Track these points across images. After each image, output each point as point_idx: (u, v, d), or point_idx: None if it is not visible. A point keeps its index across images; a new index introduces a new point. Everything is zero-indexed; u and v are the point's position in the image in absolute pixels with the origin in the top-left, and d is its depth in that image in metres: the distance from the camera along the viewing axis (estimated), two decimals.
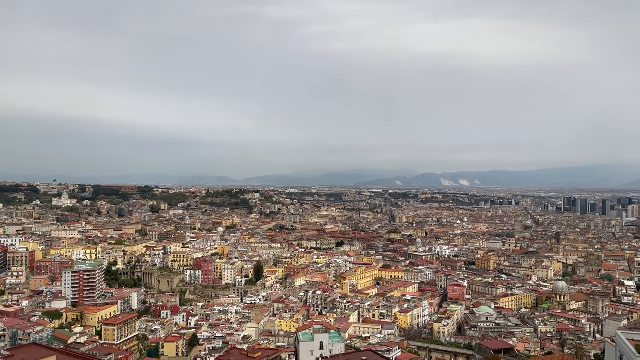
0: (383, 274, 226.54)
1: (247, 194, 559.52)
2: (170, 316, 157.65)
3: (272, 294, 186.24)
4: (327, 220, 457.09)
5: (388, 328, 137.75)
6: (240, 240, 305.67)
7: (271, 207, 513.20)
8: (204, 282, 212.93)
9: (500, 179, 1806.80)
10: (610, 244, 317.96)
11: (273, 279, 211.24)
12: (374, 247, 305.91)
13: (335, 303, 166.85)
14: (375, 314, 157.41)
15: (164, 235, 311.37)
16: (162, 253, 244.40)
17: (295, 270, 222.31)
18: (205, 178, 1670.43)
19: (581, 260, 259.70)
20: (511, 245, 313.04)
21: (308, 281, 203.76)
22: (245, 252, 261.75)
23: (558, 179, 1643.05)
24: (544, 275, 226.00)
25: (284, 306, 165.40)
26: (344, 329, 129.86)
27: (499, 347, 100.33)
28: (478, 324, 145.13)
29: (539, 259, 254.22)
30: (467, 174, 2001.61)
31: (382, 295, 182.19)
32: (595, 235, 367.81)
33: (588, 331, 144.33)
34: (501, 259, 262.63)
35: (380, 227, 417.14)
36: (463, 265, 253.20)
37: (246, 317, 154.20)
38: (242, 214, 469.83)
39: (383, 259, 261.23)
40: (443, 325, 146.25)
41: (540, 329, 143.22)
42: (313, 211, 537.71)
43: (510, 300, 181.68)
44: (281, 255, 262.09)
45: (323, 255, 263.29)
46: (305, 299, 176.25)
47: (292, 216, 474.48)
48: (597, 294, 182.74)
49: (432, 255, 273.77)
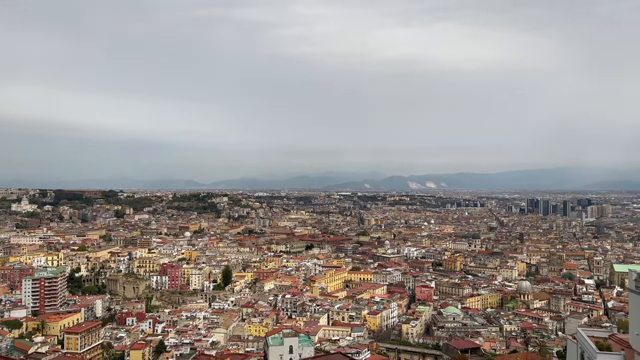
0: (352, 276, 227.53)
1: (215, 198, 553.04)
2: (136, 323, 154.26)
3: (241, 299, 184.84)
4: (297, 223, 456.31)
5: (357, 330, 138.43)
6: (208, 245, 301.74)
7: (240, 211, 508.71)
8: (171, 287, 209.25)
9: (466, 182, 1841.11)
10: (571, 244, 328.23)
11: (242, 284, 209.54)
12: (343, 249, 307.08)
13: (305, 306, 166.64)
14: (345, 317, 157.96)
15: (129, 240, 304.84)
16: (127, 259, 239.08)
17: (264, 274, 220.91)
18: (172, 182, 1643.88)
19: (544, 260, 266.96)
20: (477, 246, 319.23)
21: (277, 285, 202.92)
22: (213, 256, 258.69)
23: (522, 181, 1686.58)
24: (508, 275, 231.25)
25: (253, 311, 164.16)
26: (314, 332, 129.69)
27: (466, 347, 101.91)
28: (445, 324, 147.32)
29: (503, 259, 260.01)
30: (433, 177, 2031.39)
31: (351, 297, 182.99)
32: (557, 235, 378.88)
33: (551, 329, 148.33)
34: (467, 260, 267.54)
35: (349, 230, 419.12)
36: (430, 266, 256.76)
37: (214, 323, 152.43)
38: (209, 218, 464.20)
39: (352, 262, 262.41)
40: (411, 326, 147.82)
41: (505, 328, 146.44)
42: (282, 214, 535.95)
43: (476, 300, 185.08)
44: (250, 259, 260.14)
45: (292, 258, 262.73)
46: (274, 303, 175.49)
47: (261, 220, 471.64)
48: (559, 292, 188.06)
49: (400, 257, 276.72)
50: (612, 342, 44.04)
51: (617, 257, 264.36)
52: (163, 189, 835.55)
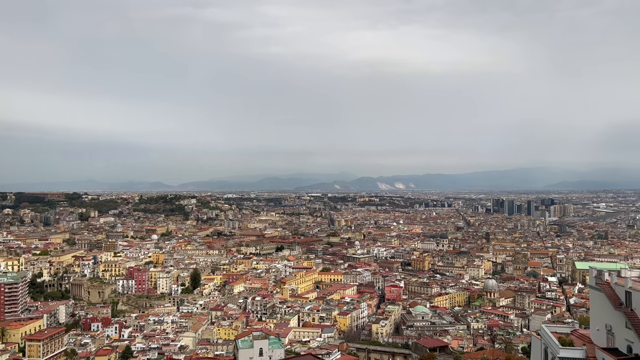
0: (323, 277, 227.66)
1: (183, 200, 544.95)
2: (102, 328, 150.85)
3: (210, 302, 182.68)
4: (267, 225, 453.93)
5: (327, 331, 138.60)
6: (175, 248, 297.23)
7: (208, 213, 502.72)
8: (138, 291, 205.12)
9: (433, 182, 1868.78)
10: (535, 243, 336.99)
11: (211, 287, 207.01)
12: (314, 250, 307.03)
13: (275, 308, 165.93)
14: (315, 318, 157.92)
15: (94, 244, 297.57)
16: (92, 263, 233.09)
17: (234, 276, 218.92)
18: (139, 184, 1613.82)
19: (509, 258, 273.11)
20: (444, 246, 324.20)
21: (247, 287, 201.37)
22: (181, 259, 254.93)
23: (488, 182, 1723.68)
24: (475, 273, 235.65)
25: (222, 314, 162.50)
26: (284, 334, 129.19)
27: (434, 345, 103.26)
28: (414, 323, 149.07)
29: (470, 259, 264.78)
30: (402, 178, 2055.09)
31: (321, 298, 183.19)
32: (522, 234, 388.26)
33: (516, 326, 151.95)
34: (435, 259, 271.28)
35: (319, 231, 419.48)
36: (399, 266, 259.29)
37: (183, 327, 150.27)
38: (177, 220, 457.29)
39: (322, 263, 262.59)
40: (381, 326, 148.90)
41: (472, 326, 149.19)
42: (252, 216, 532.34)
43: (444, 299, 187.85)
44: (219, 261, 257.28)
45: (262, 260, 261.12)
46: (244, 306, 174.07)
47: (230, 222, 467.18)
48: (524, 290, 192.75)
49: (370, 257, 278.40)
50: (574, 338, 45.25)
51: (579, 255, 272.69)
52: (129, 191, 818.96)
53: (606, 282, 42.75)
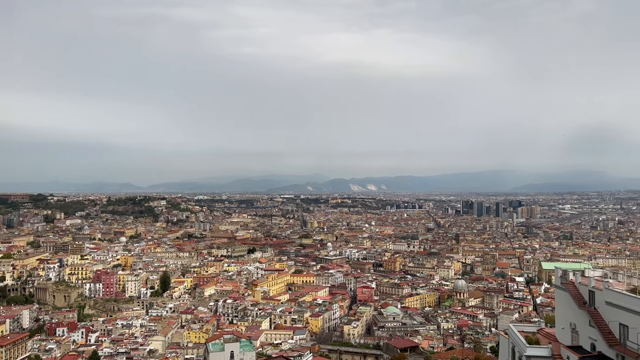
0: (295, 279, 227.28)
1: (153, 201, 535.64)
2: (67, 333, 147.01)
3: (180, 305, 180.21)
4: (239, 227, 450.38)
5: (299, 333, 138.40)
6: (144, 250, 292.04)
7: (178, 215, 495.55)
8: (105, 295, 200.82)
9: (405, 184, 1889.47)
10: (503, 244, 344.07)
11: (181, 290, 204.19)
12: (286, 252, 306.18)
13: (247, 311, 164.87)
14: (287, 320, 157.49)
15: (60, 246, 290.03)
16: (57, 266, 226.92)
17: (205, 279, 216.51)
18: (107, 185, 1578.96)
19: (478, 259, 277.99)
20: (415, 247, 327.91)
21: (218, 290, 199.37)
22: (151, 262, 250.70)
23: (458, 184, 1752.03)
24: (445, 274, 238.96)
25: (192, 317, 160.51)
26: (255, 336, 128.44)
27: (405, 346, 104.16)
28: (386, 324, 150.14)
29: (440, 259, 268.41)
30: (374, 179, 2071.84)
31: (293, 300, 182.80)
32: (490, 235, 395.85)
33: (485, 325, 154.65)
34: (406, 260, 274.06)
35: (292, 233, 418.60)
36: (371, 267, 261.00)
37: (152, 331, 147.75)
38: (146, 222, 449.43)
39: (295, 264, 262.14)
40: (353, 327, 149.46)
41: (442, 326, 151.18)
42: (223, 218, 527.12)
43: (415, 300, 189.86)
44: (189, 264, 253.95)
45: (234, 263, 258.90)
46: (215, 309, 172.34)
47: (201, 224, 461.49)
48: (492, 290, 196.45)
49: (342, 259, 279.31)
50: (540, 336, 46.31)
51: (545, 255, 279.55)
52: (97, 193, 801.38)
53: (571, 282, 43.87)
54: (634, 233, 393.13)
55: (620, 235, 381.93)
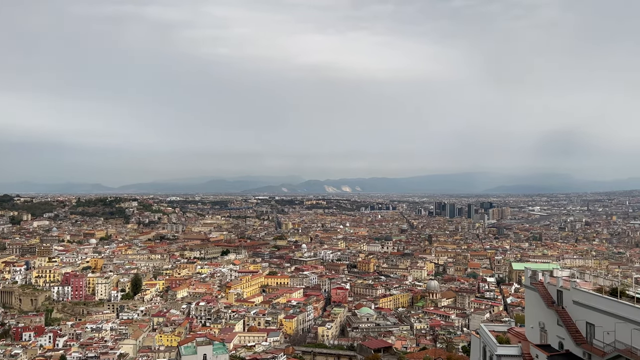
0: (269, 280, 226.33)
1: (124, 203, 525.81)
2: (34, 338, 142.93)
3: (152, 308, 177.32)
4: (212, 228, 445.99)
5: (273, 335, 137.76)
6: (115, 252, 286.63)
7: (150, 216, 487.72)
8: (75, 298, 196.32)
9: (379, 186, 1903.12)
10: (475, 244, 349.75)
11: (152, 292, 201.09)
12: (260, 254, 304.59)
13: (220, 313, 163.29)
14: (261, 322, 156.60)
15: (27, 249, 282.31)
16: (24, 269, 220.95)
17: (177, 281, 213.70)
18: (77, 185, 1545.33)
19: (450, 260, 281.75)
20: (389, 248, 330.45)
21: (191, 292, 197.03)
22: (122, 264, 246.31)
23: (431, 186, 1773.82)
24: (418, 275, 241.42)
25: (164, 320, 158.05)
26: (229, 339, 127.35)
27: (379, 346, 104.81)
28: (359, 324, 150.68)
29: (413, 260, 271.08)
30: (349, 181, 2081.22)
31: (267, 302, 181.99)
32: (462, 236, 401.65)
33: (457, 325, 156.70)
34: (380, 261, 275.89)
35: (266, 234, 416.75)
36: (346, 268, 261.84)
37: (122, 334, 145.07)
38: (117, 223, 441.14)
39: (269, 266, 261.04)
40: (327, 328, 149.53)
41: (415, 326, 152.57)
42: (197, 219, 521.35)
43: (388, 301, 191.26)
44: (162, 266, 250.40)
45: (207, 265, 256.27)
46: (187, 311, 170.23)
47: (173, 225, 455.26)
48: (464, 290, 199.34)
49: (317, 260, 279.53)
50: (511, 336, 47.21)
51: (515, 256, 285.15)
52: (66, 194, 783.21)
53: (540, 282, 44.85)
54: (600, 234, 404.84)
55: (587, 236, 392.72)
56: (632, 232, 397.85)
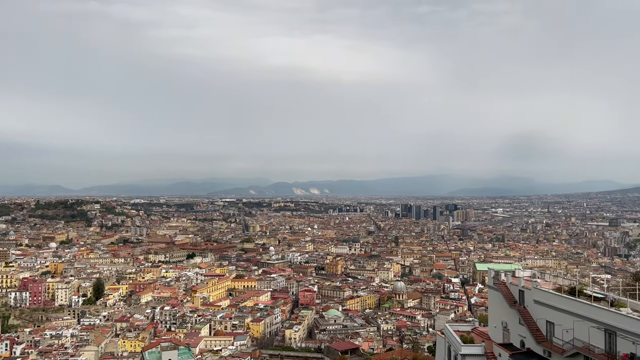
0: (236, 284, 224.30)
1: (85, 205, 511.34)
2: None
3: (115, 313, 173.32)
4: (177, 231, 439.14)
5: (240, 339, 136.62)
6: (77, 256, 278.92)
7: (114, 219, 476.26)
8: (33, 304, 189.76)
9: (347, 188, 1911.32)
10: (440, 246, 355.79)
11: (115, 297, 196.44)
12: (227, 257, 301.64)
13: (185, 317, 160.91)
14: (228, 326, 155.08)
15: None
16: None
17: (141, 285, 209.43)
18: (35, 187, 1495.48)
19: (416, 261, 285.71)
20: (356, 250, 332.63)
21: (155, 297, 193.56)
22: (83, 269, 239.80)
23: (397, 188, 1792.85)
24: (385, 276, 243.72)
25: (128, 325, 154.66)
26: (195, 343, 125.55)
27: (346, 348, 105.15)
28: (327, 327, 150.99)
29: (380, 262, 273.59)
30: (317, 183, 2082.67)
31: (234, 306, 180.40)
32: (428, 238, 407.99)
33: (422, 326, 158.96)
34: (348, 263, 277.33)
35: (233, 237, 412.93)
36: (313, 270, 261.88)
37: (84, 340, 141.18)
38: (79, 227, 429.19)
39: (236, 269, 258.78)
40: (294, 331, 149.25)
41: (382, 327, 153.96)
42: (161, 222, 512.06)
43: (356, 302, 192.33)
44: (125, 270, 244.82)
45: (172, 268, 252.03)
46: (152, 316, 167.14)
47: (137, 228, 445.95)
48: (430, 291, 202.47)
49: (285, 263, 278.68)
50: (474, 335, 48.11)
51: (479, 257, 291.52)
52: (24, 196, 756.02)
53: (502, 282, 45.89)
54: (559, 235, 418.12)
55: (548, 237, 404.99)
56: (589, 233, 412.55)
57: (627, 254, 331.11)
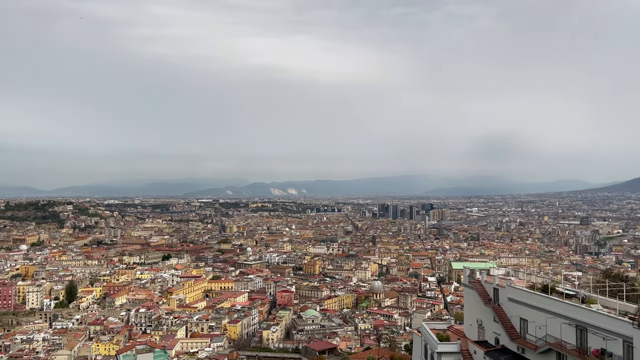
0: (213, 285, 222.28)
1: (58, 206, 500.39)
2: None
3: (88, 316, 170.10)
4: (152, 232, 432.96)
5: (217, 340, 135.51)
6: (48, 259, 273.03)
7: (87, 220, 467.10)
8: (2, 308, 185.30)
9: (324, 188, 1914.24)
10: (417, 245, 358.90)
11: (89, 300, 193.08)
12: (204, 258, 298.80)
13: (161, 320, 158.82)
14: (204, 327, 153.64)
15: None
16: None
17: (116, 288, 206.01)
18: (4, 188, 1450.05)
19: (393, 260, 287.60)
20: (334, 250, 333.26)
21: (130, 299, 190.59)
22: (55, 271, 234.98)
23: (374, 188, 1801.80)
24: (362, 276, 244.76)
25: (102, 328, 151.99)
26: (170, 345, 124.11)
27: (324, 348, 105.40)
28: (305, 327, 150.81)
29: (358, 261, 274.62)
30: (295, 183, 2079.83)
31: (211, 307, 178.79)
32: (404, 237, 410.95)
33: (400, 325, 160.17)
34: (325, 263, 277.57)
35: (210, 238, 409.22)
36: (291, 270, 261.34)
37: (56, 344, 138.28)
38: (51, 228, 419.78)
39: (213, 270, 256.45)
40: (272, 332, 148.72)
41: (359, 327, 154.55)
42: (136, 223, 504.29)
43: (333, 302, 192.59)
44: (99, 272, 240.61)
45: (147, 270, 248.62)
46: (127, 318, 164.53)
47: (111, 229, 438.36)
48: (407, 290, 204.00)
49: (262, 263, 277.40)
50: (450, 333, 48.69)
51: (455, 255, 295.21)
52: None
53: (477, 281, 46.54)
54: (532, 234, 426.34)
55: (521, 236, 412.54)
56: (561, 232, 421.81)
57: (597, 251, 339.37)
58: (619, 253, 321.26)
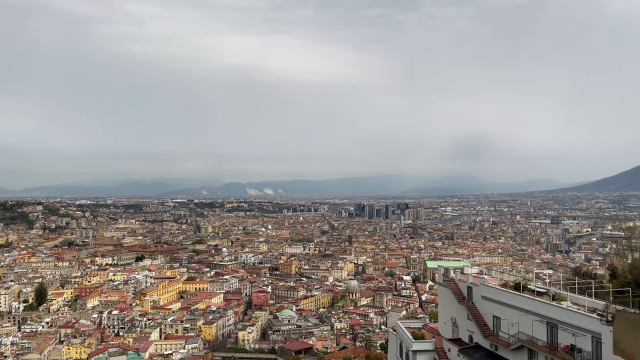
0: (187, 286, 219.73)
1: (27, 207, 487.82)
2: None
3: (59, 319, 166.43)
4: (126, 233, 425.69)
5: (192, 342, 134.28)
6: (17, 260, 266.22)
7: (57, 221, 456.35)
8: None
9: (301, 188, 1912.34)
10: (392, 244, 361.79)
11: (60, 302, 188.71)
12: (178, 259, 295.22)
13: (134, 322, 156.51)
14: (179, 329, 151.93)
15: None
16: None
17: (87, 290, 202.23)
18: None
19: (369, 259, 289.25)
20: (310, 249, 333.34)
21: (103, 301, 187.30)
22: (24, 273, 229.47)
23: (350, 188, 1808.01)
24: (338, 275, 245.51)
25: (73, 331, 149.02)
26: (144, 348, 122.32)
27: (300, 348, 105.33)
28: (281, 327, 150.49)
29: (334, 261, 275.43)
30: (271, 183, 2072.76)
31: (186, 308, 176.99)
32: (380, 237, 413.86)
33: (375, 324, 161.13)
34: (302, 263, 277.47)
35: (185, 238, 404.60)
36: (267, 271, 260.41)
37: (25, 348, 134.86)
38: (20, 229, 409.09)
39: (187, 271, 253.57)
40: (247, 333, 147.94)
41: (336, 326, 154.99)
42: (109, 224, 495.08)
43: (309, 302, 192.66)
44: (70, 274, 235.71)
45: (120, 271, 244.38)
46: (99, 321, 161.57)
47: (83, 230, 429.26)
48: (382, 289, 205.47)
49: (238, 264, 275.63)
50: (425, 331, 49.18)
51: (429, 254, 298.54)
52: None
53: (452, 279, 47.09)
54: (505, 233, 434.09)
55: (494, 235, 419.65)
56: (533, 231, 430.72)
57: (567, 250, 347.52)
58: (588, 251, 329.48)
